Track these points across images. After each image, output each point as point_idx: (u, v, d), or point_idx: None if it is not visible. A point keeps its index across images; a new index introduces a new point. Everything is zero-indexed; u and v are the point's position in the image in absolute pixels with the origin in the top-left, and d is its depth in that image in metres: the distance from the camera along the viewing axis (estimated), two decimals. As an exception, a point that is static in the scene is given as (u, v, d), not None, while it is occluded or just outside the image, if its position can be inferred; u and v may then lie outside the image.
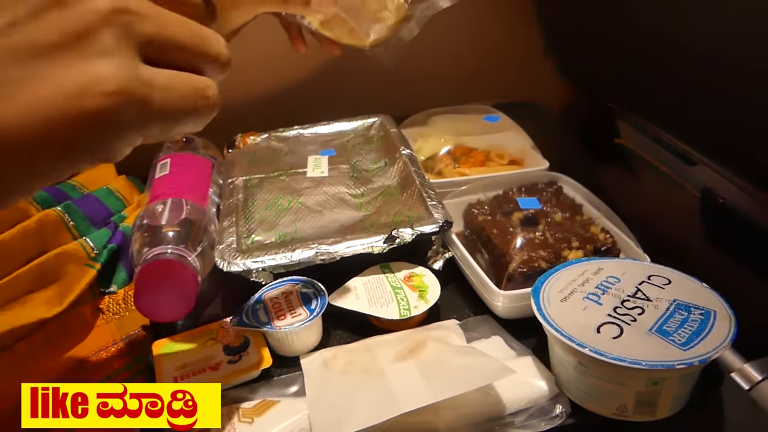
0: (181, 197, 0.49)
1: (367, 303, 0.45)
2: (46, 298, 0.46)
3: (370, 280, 0.47)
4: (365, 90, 0.71)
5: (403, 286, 0.46)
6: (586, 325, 0.37)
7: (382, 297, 0.46)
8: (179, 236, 0.45)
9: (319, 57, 0.69)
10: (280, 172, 0.59)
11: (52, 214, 0.50)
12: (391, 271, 0.48)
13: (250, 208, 0.54)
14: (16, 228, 0.47)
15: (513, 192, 0.54)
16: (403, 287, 0.46)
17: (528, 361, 0.41)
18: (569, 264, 0.43)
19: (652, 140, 0.58)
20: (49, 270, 0.47)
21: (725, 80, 0.46)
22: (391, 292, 0.46)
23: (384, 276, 0.48)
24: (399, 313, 0.44)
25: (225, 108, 0.29)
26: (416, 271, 0.48)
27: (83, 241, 0.50)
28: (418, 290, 0.46)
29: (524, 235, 0.47)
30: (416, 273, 0.48)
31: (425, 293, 0.46)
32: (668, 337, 0.36)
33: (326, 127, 0.68)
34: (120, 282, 0.49)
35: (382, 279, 0.47)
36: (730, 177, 0.49)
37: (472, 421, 0.38)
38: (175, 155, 0.55)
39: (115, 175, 0.60)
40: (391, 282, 0.47)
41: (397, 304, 0.45)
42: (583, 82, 0.74)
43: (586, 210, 0.53)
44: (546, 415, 0.38)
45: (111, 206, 0.56)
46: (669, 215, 0.57)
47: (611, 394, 0.37)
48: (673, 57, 0.51)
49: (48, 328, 0.44)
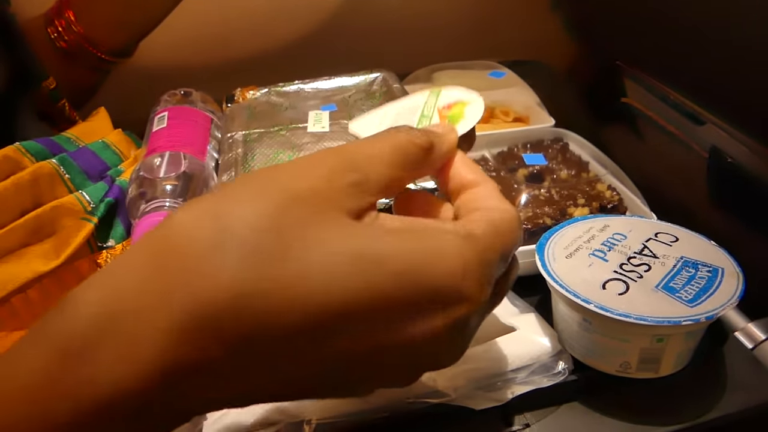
0: (179, 150, 0.48)
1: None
2: (42, 251, 0.45)
3: (405, 107, 0.39)
4: (367, 45, 0.70)
5: (434, 115, 0.38)
6: (592, 281, 0.37)
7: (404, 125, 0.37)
8: (177, 190, 0.44)
9: (322, 11, 0.67)
10: (280, 127, 0.58)
11: (46, 166, 0.49)
12: (437, 97, 0.39)
13: (250, 163, 0.53)
14: (10, 180, 0.46)
15: (518, 148, 0.53)
16: (434, 116, 0.38)
17: (531, 318, 0.40)
18: (575, 221, 0.43)
19: (659, 99, 0.57)
20: (44, 223, 0.47)
21: (736, 37, 0.45)
22: (417, 120, 0.38)
23: (425, 101, 0.39)
24: None
25: (224, 61, 0.28)
26: (464, 98, 0.38)
27: (79, 194, 0.49)
28: (449, 119, 0.37)
29: (529, 192, 0.46)
30: (463, 100, 0.38)
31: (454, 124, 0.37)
32: (675, 294, 0.35)
33: (327, 82, 0.66)
34: (118, 237, 0.48)
35: (419, 104, 0.39)
36: (739, 136, 0.48)
37: (474, 377, 0.37)
38: (173, 108, 0.54)
39: (112, 128, 0.59)
40: (425, 109, 0.39)
41: None
42: (590, 39, 0.72)
43: (593, 167, 0.52)
44: (548, 372, 0.38)
45: (107, 160, 0.54)
46: (676, 175, 0.56)
47: (615, 350, 0.36)
48: (682, 13, 0.49)
49: (44, 282, 0.43)
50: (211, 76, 0.67)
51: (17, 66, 0.53)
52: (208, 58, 0.70)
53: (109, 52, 0.58)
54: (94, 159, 0.54)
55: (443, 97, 0.38)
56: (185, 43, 0.68)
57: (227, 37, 0.69)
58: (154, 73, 0.67)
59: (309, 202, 0.23)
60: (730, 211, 0.50)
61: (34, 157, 0.50)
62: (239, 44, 0.67)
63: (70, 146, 0.55)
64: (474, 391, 0.36)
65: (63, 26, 0.56)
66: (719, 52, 0.47)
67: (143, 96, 0.58)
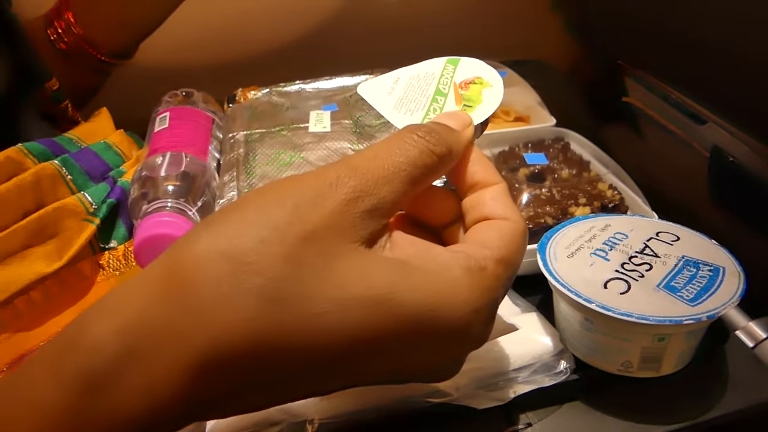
0: (180, 151, 0.48)
1: (394, 103, 0.35)
2: (45, 252, 0.45)
3: (419, 75, 0.36)
4: (368, 45, 0.70)
5: (450, 93, 0.35)
6: (593, 280, 0.37)
7: (416, 100, 0.34)
8: (179, 190, 0.44)
9: (323, 11, 0.67)
10: (282, 127, 0.58)
11: (49, 167, 0.49)
12: (455, 68, 0.36)
13: (251, 163, 0.53)
14: (12, 181, 0.46)
15: (519, 148, 0.53)
16: (449, 94, 0.35)
17: (532, 318, 0.40)
18: (576, 220, 0.43)
19: (660, 99, 0.57)
20: (47, 224, 0.47)
21: (737, 37, 0.45)
22: (431, 96, 0.35)
23: (442, 71, 0.36)
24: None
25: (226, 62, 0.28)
26: (483, 75, 0.35)
27: (81, 195, 0.49)
28: (464, 104, 0.34)
29: (530, 191, 0.46)
30: (481, 78, 0.35)
31: (471, 108, 0.34)
32: (676, 293, 0.36)
33: (328, 82, 0.66)
34: (120, 237, 0.48)
35: (435, 74, 0.36)
36: (740, 136, 0.48)
37: (476, 376, 0.37)
38: (175, 109, 0.54)
39: (113, 129, 0.59)
40: (441, 83, 0.35)
41: (425, 115, 0.34)
42: (591, 39, 0.72)
43: (594, 166, 0.52)
44: (550, 371, 0.38)
45: (109, 161, 0.54)
46: (677, 174, 0.56)
47: (617, 349, 0.36)
48: (683, 12, 0.49)
49: (47, 283, 0.43)
50: (212, 76, 0.67)
51: (20, 67, 0.53)
52: (210, 59, 0.70)
53: (109, 53, 0.58)
54: (96, 160, 0.54)
55: (461, 69, 0.36)
56: (187, 44, 0.68)
57: (229, 38, 0.69)
58: (156, 74, 0.67)
59: (323, 237, 0.23)
60: (732, 211, 0.50)
61: (36, 158, 0.50)
62: (241, 45, 0.67)
63: (72, 147, 0.55)
64: (476, 391, 0.37)
65: (63, 28, 0.56)
66: (720, 51, 0.47)
67: (145, 96, 0.58)
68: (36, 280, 0.42)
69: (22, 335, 0.42)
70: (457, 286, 0.24)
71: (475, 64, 0.36)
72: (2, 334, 0.42)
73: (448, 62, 0.36)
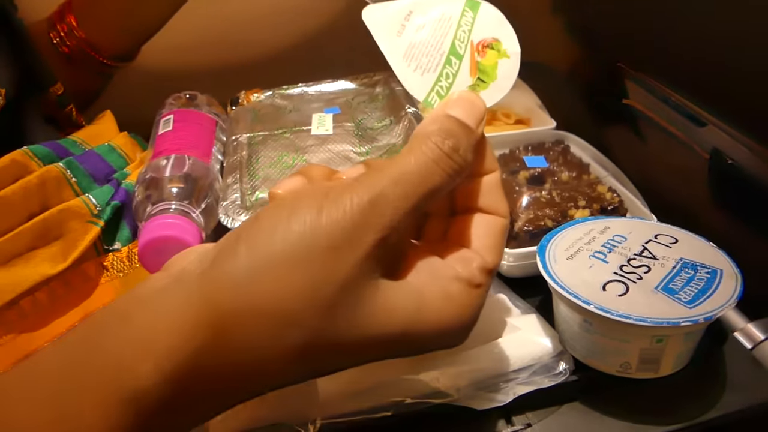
0: (184, 153, 0.48)
1: (405, 51, 0.31)
2: (50, 254, 0.45)
3: (434, 16, 0.32)
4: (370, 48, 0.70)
5: (466, 56, 0.31)
6: (592, 282, 0.37)
7: (429, 54, 0.31)
8: (183, 192, 0.44)
9: (324, 14, 0.68)
10: (284, 130, 0.58)
11: (53, 170, 0.49)
12: (473, 17, 0.32)
13: (254, 165, 0.53)
14: (18, 183, 0.46)
15: (519, 151, 0.53)
16: (465, 57, 0.31)
17: (532, 319, 0.41)
18: (576, 223, 0.43)
19: (660, 101, 0.57)
20: (52, 226, 0.47)
21: (737, 39, 0.45)
22: (446, 55, 0.31)
23: (459, 22, 0.32)
24: (426, 95, 0.30)
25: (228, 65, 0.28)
26: (500, 37, 0.32)
27: (86, 197, 0.49)
28: (478, 77, 0.31)
29: (530, 194, 0.47)
30: (498, 42, 0.32)
31: (485, 84, 0.31)
32: (674, 295, 0.36)
33: (330, 85, 0.67)
34: (124, 239, 0.49)
35: (452, 23, 0.31)
36: (740, 138, 0.48)
37: (476, 377, 0.38)
38: (178, 111, 0.54)
39: (117, 131, 0.59)
40: (459, 39, 0.31)
41: (437, 79, 0.31)
42: (591, 41, 0.72)
43: (593, 169, 0.52)
44: (549, 372, 0.38)
45: (113, 163, 0.55)
46: (677, 176, 0.56)
47: (615, 351, 0.37)
48: (683, 14, 0.50)
49: (52, 285, 0.44)
50: (215, 79, 0.67)
51: (26, 72, 0.53)
52: (213, 62, 0.70)
53: (111, 56, 0.58)
54: (101, 162, 0.54)
55: (480, 21, 0.32)
56: (190, 47, 0.69)
57: (232, 41, 0.69)
58: (160, 77, 0.67)
59: (355, 283, 0.24)
60: (731, 213, 0.51)
61: (41, 160, 0.51)
62: (243, 48, 0.67)
63: (77, 149, 0.55)
64: (476, 392, 0.37)
65: (65, 31, 0.56)
66: (720, 53, 0.48)
67: (149, 99, 0.58)
68: (41, 281, 0.43)
69: (27, 336, 0.42)
70: (461, 313, 0.27)
71: (495, 17, 0.33)
72: (8, 334, 0.42)
73: (467, 6, 0.32)
